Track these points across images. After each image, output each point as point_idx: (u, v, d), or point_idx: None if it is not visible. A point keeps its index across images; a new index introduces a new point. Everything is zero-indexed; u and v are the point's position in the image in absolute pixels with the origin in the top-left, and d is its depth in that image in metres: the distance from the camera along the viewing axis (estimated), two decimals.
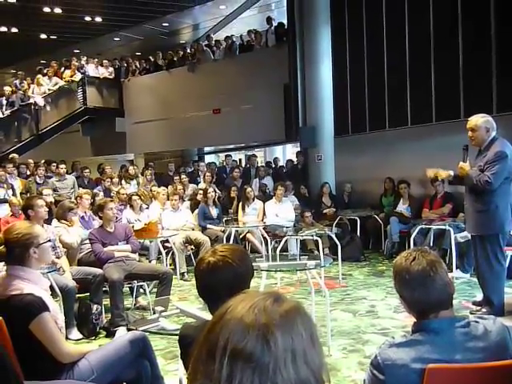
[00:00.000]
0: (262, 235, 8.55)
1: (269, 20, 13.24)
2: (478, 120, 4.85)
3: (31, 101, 15.37)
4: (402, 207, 8.93)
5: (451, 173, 5.13)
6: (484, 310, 5.06)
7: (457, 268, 7.01)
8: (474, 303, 5.49)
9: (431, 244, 7.64)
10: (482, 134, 4.82)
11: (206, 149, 17.59)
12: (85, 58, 16.79)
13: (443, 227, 7.35)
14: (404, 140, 9.52)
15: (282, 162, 14.34)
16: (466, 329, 1.93)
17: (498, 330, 1.97)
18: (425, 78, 9.09)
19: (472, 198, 4.94)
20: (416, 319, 2.03)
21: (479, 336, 1.93)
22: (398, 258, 2.06)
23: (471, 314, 5.03)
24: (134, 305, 6.15)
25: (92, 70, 16.34)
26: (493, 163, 4.67)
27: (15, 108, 15.40)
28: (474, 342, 1.91)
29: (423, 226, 7.58)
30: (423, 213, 8.39)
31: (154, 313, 3.50)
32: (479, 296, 5.50)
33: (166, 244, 7.85)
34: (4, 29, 16.67)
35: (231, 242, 8.08)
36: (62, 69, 16.48)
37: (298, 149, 12.20)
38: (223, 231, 8.60)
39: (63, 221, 6.09)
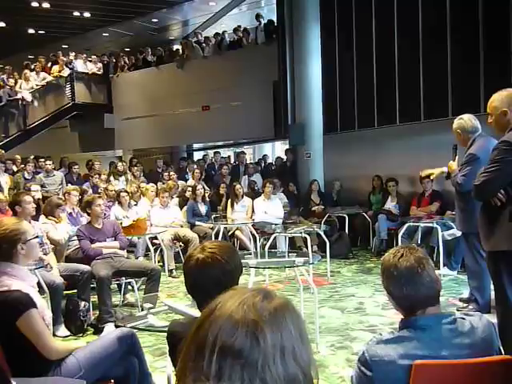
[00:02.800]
0: (251, 232, 8.55)
1: (258, 17, 13.23)
2: (454, 123, 4.94)
3: (19, 96, 15.26)
4: (391, 205, 8.97)
5: (444, 169, 5.17)
6: (471, 306, 5.10)
7: (444, 265, 7.06)
8: (461, 300, 5.53)
9: (419, 241, 7.68)
10: (457, 136, 4.93)
11: (195, 145, 17.56)
12: (73, 54, 16.70)
13: (431, 225, 7.39)
14: (392, 138, 9.56)
15: (270, 160, 14.34)
16: (452, 325, 1.95)
17: (484, 326, 1.99)
18: (413, 76, 9.12)
19: (457, 196, 5.02)
20: (403, 316, 2.04)
21: (465, 332, 1.95)
22: (386, 254, 2.08)
23: (458, 310, 5.07)
24: (122, 301, 6.13)
25: (80, 65, 16.26)
26: (464, 165, 4.73)
27: (2, 103, 15.31)
28: (460, 338, 1.93)
29: (411, 224, 7.61)
30: (411, 210, 8.43)
31: (142, 309, 3.50)
32: (466, 293, 5.54)
33: (155, 241, 7.84)
34: None
35: (220, 238, 8.08)
36: (50, 64, 16.37)
37: (287, 146, 12.22)
38: (212, 228, 8.59)
39: (51, 217, 6.06)
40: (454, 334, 1.93)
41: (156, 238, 7.79)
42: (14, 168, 11.63)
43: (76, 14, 16.04)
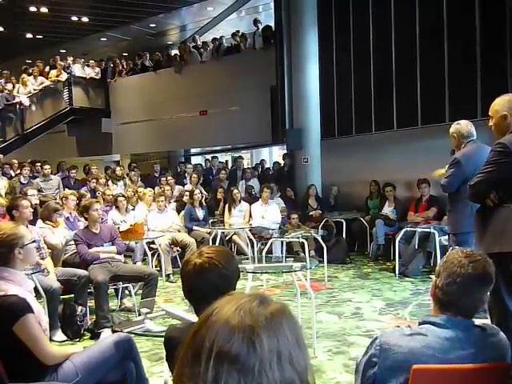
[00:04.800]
0: (248, 237, 8.55)
1: (256, 22, 13.26)
2: (451, 128, 4.99)
3: (16, 100, 15.25)
4: (388, 210, 8.98)
5: None
6: None
7: None
8: None
9: (416, 247, 7.69)
10: (453, 140, 5.00)
11: (193, 150, 17.58)
12: (71, 58, 16.70)
13: (428, 230, 7.40)
14: (390, 143, 9.57)
15: (268, 164, 14.35)
16: (468, 332, 1.96)
17: (499, 341, 2.01)
18: (410, 81, 9.14)
19: (447, 199, 5.08)
20: (434, 308, 2.06)
21: (479, 342, 1.96)
22: (463, 250, 2.06)
23: None
24: (119, 306, 6.12)
25: (78, 70, 16.25)
26: (449, 168, 4.82)
27: (0, 107, 15.26)
28: (471, 346, 1.94)
29: (408, 229, 7.63)
30: (408, 216, 8.44)
31: (140, 314, 3.49)
32: None
33: (152, 245, 7.82)
34: None
35: (217, 243, 8.07)
36: (47, 68, 16.37)
37: (285, 151, 12.23)
38: (209, 233, 8.58)
39: (48, 222, 6.05)
40: (468, 341, 1.94)
41: (153, 242, 7.78)
42: (12, 173, 11.62)
43: (74, 18, 16.07)
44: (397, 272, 7.49)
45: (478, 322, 2.06)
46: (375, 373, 1.94)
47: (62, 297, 5.20)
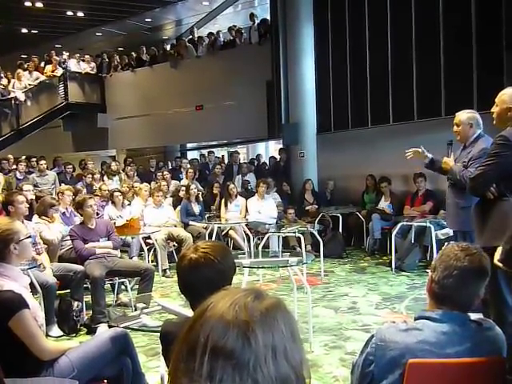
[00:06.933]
0: (245, 232, 8.55)
1: (252, 17, 13.22)
2: (462, 115, 4.84)
3: (12, 95, 15.19)
4: (384, 204, 8.98)
5: (429, 155, 5.13)
6: None
7: None
8: None
9: (412, 241, 7.70)
10: (465, 129, 4.81)
11: (189, 145, 17.54)
12: (66, 53, 16.64)
13: (424, 224, 7.41)
14: (386, 137, 9.57)
15: (264, 159, 14.34)
16: (464, 327, 1.95)
17: (495, 335, 2.00)
18: (406, 75, 9.15)
19: (455, 193, 4.91)
20: (429, 303, 2.05)
21: (475, 336, 1.95)
22: (459, 243, 2.06)
23: None
24: (116, 301, 6.12)
25: (74, 64, 16.19)
26: (477, 160, 4.68)
27: None
28: (468, 341, 1.93)
29: (404, 223, 7.63)
30: (405, 210, 8.45)
31: (136, 309, 3.48)
32: None
33: (148, 240, 7.82)
34: None
35: (213, 238, 8.07)
36: (43, 63, 16.32)
37: (281, 146, 12.22)
38: (205, 228, 8.59)
39: (44, 217, 6.03)
40: (465, 335, 1.93)
41: (149, 237, 7.77)
42: (8, 168, 11.59)
43: (69, 13, 15.99)
44: (393, 266, 7.51)
45: (473, 316, 2.05)
46: (372, 371, 1.93)
47: (58, 292, 5.20)
